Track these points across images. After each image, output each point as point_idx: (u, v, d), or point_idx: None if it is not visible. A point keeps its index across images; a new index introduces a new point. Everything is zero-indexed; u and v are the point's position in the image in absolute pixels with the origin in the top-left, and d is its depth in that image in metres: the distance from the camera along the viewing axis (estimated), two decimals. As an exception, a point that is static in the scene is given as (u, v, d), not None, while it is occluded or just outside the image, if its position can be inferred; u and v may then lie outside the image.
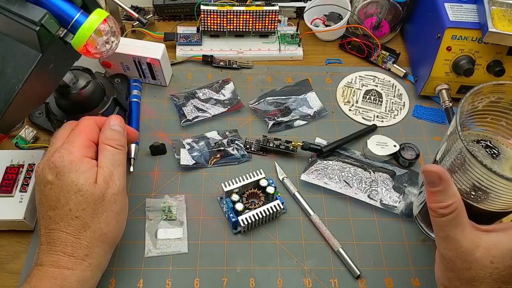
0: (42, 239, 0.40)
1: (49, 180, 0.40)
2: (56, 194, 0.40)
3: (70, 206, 0.40)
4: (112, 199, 0.41)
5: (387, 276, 0.48)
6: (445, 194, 0.35)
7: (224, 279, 0.47)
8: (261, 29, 0.67)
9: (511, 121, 0.41)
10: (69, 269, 0.39)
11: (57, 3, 0.42)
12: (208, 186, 0.54)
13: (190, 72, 0.66)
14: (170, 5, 0.71)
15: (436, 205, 0.35)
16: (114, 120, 0.45)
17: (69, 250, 0.39)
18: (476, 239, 0.35)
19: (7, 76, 0.43)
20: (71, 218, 0.40)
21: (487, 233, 0.35)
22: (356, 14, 0.68)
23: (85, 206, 0.40)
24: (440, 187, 0.35)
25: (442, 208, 0.35)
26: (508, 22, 0.53)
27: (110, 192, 0.41)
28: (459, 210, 0.35)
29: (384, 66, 0.67)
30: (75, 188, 0.40)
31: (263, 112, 0.60)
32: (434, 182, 0.35)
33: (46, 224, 0.40)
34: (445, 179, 0.35)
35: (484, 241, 0.34)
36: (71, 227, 0.40)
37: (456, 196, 0.35)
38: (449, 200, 0.35)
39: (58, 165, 0.40)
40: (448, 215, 0.35)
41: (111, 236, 0.42)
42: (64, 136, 0.44)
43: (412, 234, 0.51)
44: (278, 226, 0.51)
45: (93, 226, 0.40)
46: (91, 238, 0.40)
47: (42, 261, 0.39)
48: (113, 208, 0.42)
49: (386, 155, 0.56)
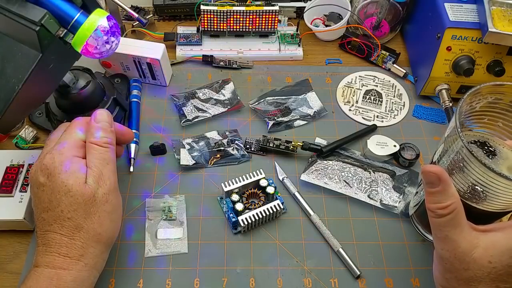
0: (38, 241, 0.40)
1: (41, 182, 0.40)
2: (48, 196, 0.40)
3: (62, 207, 0.39)
4: (104, 199, 0.41)
5: (387, 276, 0.48)
6: (444, 194, 0.35)
7: (224, 279, 0.47)
8: (261, 29, 0.67)
9: (508, 122, 0.41)
10: (64, 269, 0.39)
11: (57, 3, 0.42)
12: (208, 186, 0.54)
13: (190, 72, 0.66)
14: (170, 5, 0.71)
15: (435, 205, 0.35)
16: (99, 116, 0.44)
17: (63, 250, 0.39)
18: (474, 239, 0.35)
19: (7, 76, 0.43)
20: (64, 219, 0.39)
21: (485, 233, 0.35)
22: (356, 14, 0.68)
23: (76, 207, 0.40)
24: (439, 188, 0.35)
25: (441, 208, 0.35)
26: (508, 22, 0.53)
27: (101, 192, 0.41)
28: (457, 210, 0.35)
29: (384, 66, 0.67)
30: (65, 189, 0.39)
31: (263, 112, 0.60)
32: (433, 182, 0.35)
33: (40, 226, 0.40)
34: (444, 179, 0.34)
35: (482, 241, 0.34)
36: (65, 228, 0.39)
37: (455, 196, 0.35)
38: (448, 200, 0.35)
39: (49, 166, 0.40)
40: (446, 216, 0.35)
41: (106, 236, 0.42)
42: (57, 137, 0.43)
43: (412, 234, 0.51)
44: (278, 226, 0.51)
45: (86, 227, 0.40)
46: (85, 238, 0.40)
47: (38, 262, 0.39)
48: (106, 208, 0.41)
49: (386, 155, 0.56)
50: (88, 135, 0.43)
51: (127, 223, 0.50)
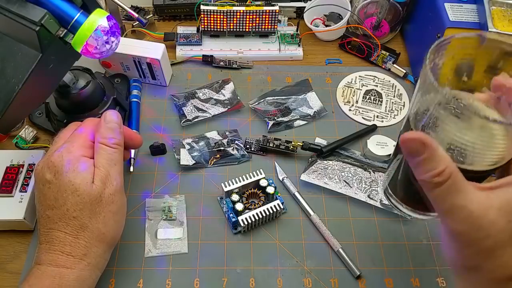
0: (41, 238, 0.40)
1: (48, 179, 0.40)
2: (54, 193, 0.40)
3: (68, 206, 0.40)
4: (110, 199, 0.41)
5: (387, 276, 0.48)
6: (434, 160, 0.30)
7: (224, 279, 0.47)
8: (261, 29, 0.67)
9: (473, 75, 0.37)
10: (67, 268, 0.39)
11: (57, 3, 0.42)
12: (208, 186, 0.54)
13: (190, 72, 0.66)
14: (170, 5, 0.71)
15: (428, 174, 0.30)
16: (109, 116, 0.44)
17: (67, 249, 0.39)
18: (485, 200, 0.30)
19: (7, 76, 0.43)
20: (69, 218, 0.40)
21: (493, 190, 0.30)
22: (356, 14, 0.68)
23: (82, 206, 0.40)
24: (426, 154, 0.30)
25: (436, 175, 0.30)
26: (508, 22, 0.53)
27: (107, 192, 0.41)
28: (455, 173, 0.30)
29: (384, 66, 0.67)
30: (72, 188, 0.40)
31: (263, 112, 0.60)
32: (418, 150, 0.30)
33: (44, 223, 0.40)
34: (429, 143, 0.30)
35: (493, 200, 0.29)
36: (69, 227, 0.40)
37: (446, 159, 0.30)
38: (441, 165, 0.30)
39: (56, 164, 0.40)
40: (445, 182, 0.30)
41: (109, 236, 0.42)
42: (66, 136, 0.44)
43: (412, 234, 0.51)
44: (278, 226, 0.51)
45: (91, 226, 0.40)
46: (90, 238, 0.40)
47: (40, 260, 0.39)
48: (111, 208, 0.41)
49: (386, 155, 0.56)
50: (97, 135, 0.43)
51: (127, 223, 0.50)
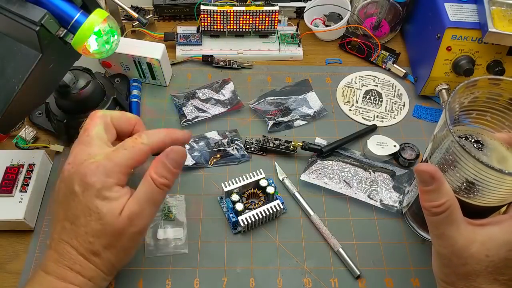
0: (51, 244, 0.39)
1: (75, 190, 0.38)
2: (77, 211, 0.38)
3: (87, 229, 0.38)
4: (130, 238, 0.39)
5: (387, 276, 0.48)
6: (438, 193, 0.35)
7: (224, 279, 0.47)
8: (261, 29, 0.67)
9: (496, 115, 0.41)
10: (75, 286, 0.38)
11: (57, 3, 0.42)
12: (208, 186, 0.54)
13: (190, 72, 0.66)
14: (170, 5, 0.71)
15: (430, 204, 0.35)
16: (174, 154, 0.41)
17: (77, 268, 0.38)
18: (471, 234, 0.35)
19: (7, 76, 0.43)
20: (85, 241, 0.38)
21: (482, 227, 0.35)
22: (356, 14, 0.68)
23: (101, 234, 0.38)
24: (433, 186, 0.35)
25: (436, 207, 0.35)
26: (508, 22, 0.53)
27: (131, 231, 0.39)
28: (452, 208, 0.35)
29: (384, 66, 0.67)
30: (97, 215, 0.38)
31: (263, 112, 0.60)
32: (427, 181, 0.35)
33: (59, 230, 0.39)
34: (438, 178, 0.35)
35: (479, 235, 0.35)
36: (83, 248, 0.38)
37: (449, 194, 0.35)
38: (442, 198, 0.35)
39: (88, 180, 0.38)
40: (442, 214, 0.35)
41: (118, 267, 0.41)
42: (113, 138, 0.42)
43: (412, 234, 0.51)
44: (278, 226, 0.51)
45: (103, 255, 0.39)
46: (99, 264, 0.39)
47: (47, 269, 0.38)
48: (128, 245, 0.40)
49: (386, 155, 0.56)
50: (152, 167, 0.40)
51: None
